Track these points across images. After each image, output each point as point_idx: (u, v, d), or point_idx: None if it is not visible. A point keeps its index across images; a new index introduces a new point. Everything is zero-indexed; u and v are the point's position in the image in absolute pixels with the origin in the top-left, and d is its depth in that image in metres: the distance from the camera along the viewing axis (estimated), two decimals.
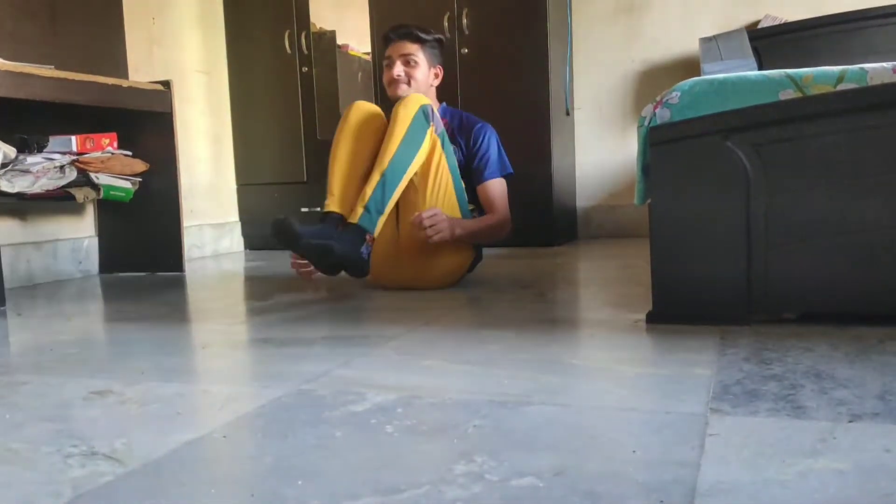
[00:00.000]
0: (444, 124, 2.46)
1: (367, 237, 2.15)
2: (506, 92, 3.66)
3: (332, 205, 2.22)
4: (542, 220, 3.65)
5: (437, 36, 2.52)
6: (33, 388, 1.39)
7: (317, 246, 2.06)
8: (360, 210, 2.15)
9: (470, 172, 2.43)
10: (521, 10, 3.64)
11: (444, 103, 2.58)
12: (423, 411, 1.13)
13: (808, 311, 1.65)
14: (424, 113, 2.24)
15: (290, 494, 0.84)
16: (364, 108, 2.34)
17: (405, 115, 2.23)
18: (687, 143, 1.65)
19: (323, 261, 2.10)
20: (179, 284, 2.86)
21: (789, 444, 0.94)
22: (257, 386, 1.34)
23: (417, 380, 1.32)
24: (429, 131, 2.24)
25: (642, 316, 1.77)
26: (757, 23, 3.67)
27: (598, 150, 4.07)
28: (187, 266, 3.27)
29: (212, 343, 1.75)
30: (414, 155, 2.22)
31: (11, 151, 2.73)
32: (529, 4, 3.63)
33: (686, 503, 0.78)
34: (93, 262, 3.29)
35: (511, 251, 3.43)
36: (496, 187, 2.42)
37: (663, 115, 1.69)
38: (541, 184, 3.65)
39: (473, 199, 2.42)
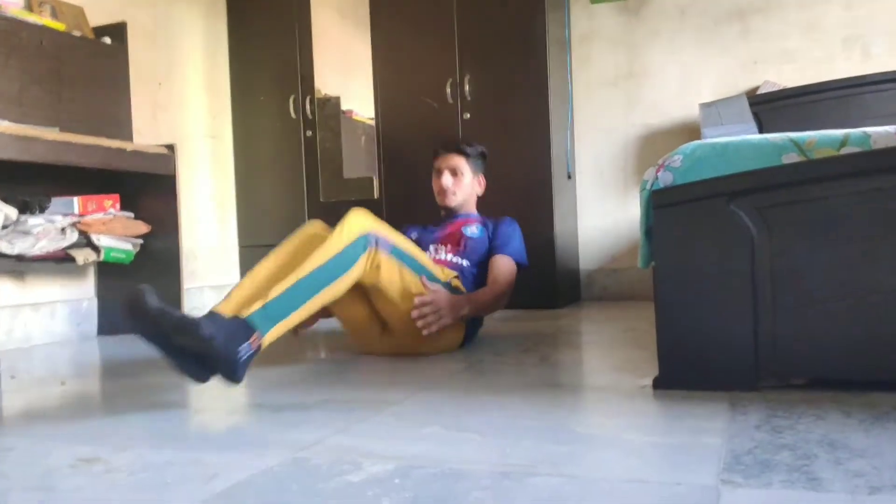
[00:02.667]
0: (477, 220, 2.65)
1: (254, 337, 1.67)
2: (508, 156, 3.68)
3: (221, 307, 1.76)
4: (545, 282, 3.63)
5: (480, 150, 2.74)
6: (20, 454, 1.35)
7: (180, 320, 1.55)
8: (256, 305, 1.72)
9: (489, 247, 2.55)
10: (522, 76, 3.69)
11: (482, 215, 2.72)
12: (422, 483, 1.09)
13: (817, 376, 1.60)
14: (366, 240, 2.01)
15: None
16: (314, 228, 2.11)
17: (341, 237, 1.96)
18: (690, 206, 1.63)
19: (185, 342, 1.57)
20: None
21: None
22: (250, 454, 1.29)
23: (416, 449, 1.28)
24: (364, 255, 2.00)
25: (648, 381, 1.73)
26: (756, 89, 3.71)
27: (600, 213, 4.07)
28: None
29: (206, 408, 1.70)
30: (338, 276, 1.92)
31: (13, 213, 2.73)
32: (530, 70, 3.68)
33: None
34: (91, 325, 3.26)
35: (513, 314, 3.40)
36: (507, 263, 2.50)
37: (666, 179, 1.68)
38: (543, 246, 3.63)
39: (484, 267, 2.52)
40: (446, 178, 2.64)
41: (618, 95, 4.03)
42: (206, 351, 1.57)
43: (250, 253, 4.21)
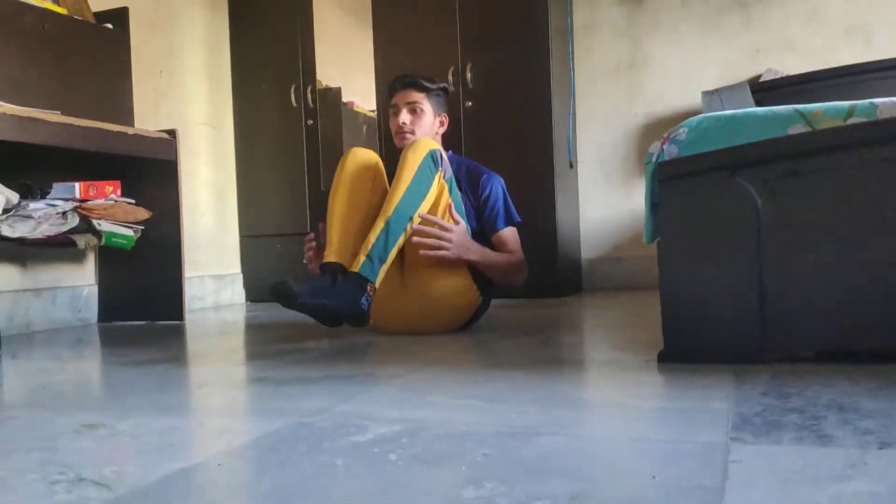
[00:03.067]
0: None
1: (368, 287, 2.08)
2: (510, 144, 3.68)
3: (332, 255, 2.16)
4: (547, 271, 3.62)
5: (441, 85, 2.55)
6: (22, 422, 1.34)
7: (311, 305, 2.03)
8: (362, 258, 2.09)
9: (482, 222, 2.43)
10: (524, 64, 3.69)
11: (451, 151, 2.58)
12: (429, 441, 1.08)
13: (824, 348, 1.60)
14: (433, 158, 2.21)
15: None
16: (361, 155, 2.31)
17: (413, 160, 2.19)
18: (695, 178, 1.62)
19: (320, 317, 2.07)
20: (178, 332, 2.81)
21: (817, 470, 0.89)
22: (254, 420, 1.29)
23: (422, 414, 1.27)
24: (437, 176, 2.21)
25: (653, 357, 1.72)
26: (759, 77, 3.71)
27: (602, 202, 4.06)
28: (187, 316, 3.22)
29: (209, 383, 1.70)
30: (420, 202, 2.18)
31: (14, 197, 2.72)
32: (532, 59, 3.67)
33: None
34: (92, 311, 3.25)
35: (514, 302, 3.39)
36: (509, 235, 2.43)
37: (671, 152, 1.68)
38: (545, 235, 3.62)
39: (483, 243, 2.41)
40: (404, 115, 2.43)
41: (620, 84, 4.02)
42: (340, 318, 2.07)
43: (251, 243, 4.21)
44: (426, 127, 2.46)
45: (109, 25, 3.15)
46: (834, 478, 0.86)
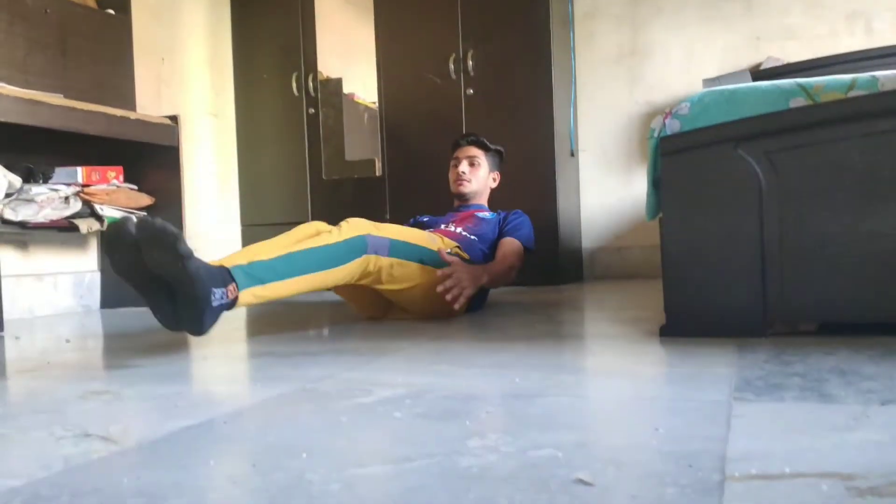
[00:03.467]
0: (485, 211, 2.69)
1: (230, 287, 1.61)
2: (511, 132, 3.67)
3: (222, 262, 1.70)
4: (547, 260, 3.62)
5: (499, 147, 2.83)
6: (28, 389, 1.35)
7: (162, 231, 1.46)
8: (241, 261, 1.70)
9: (500, 233, 2.60)
10: (526, 53, 3.69)
11: (497, 211, 2.74)
12: (433, 402, 1.08)
13: (826, 321, 1.60)
14: (363, 244, 1.97)
15: (294, 466, 0.79)
16: (316, 224, 2.07)
17: (345, 231, 1.96)
18: (698, 152, 1.63)
19: (160, 259, 1.47)
20: None
21: (820, 422, 0.90)
22: (259, 386, 1.29)
23: (426, 379, 1.28)
24: (359, 261, 1.96)
25: (655, 332, 1.72)
26: (759, 65, 3.71)
27: (603, 191, 4.06)
28: None
29: (213, 356, 1.70)
30: (331, 266, 1.89)
31: (17, 181, 2.73)
32: (533, 47, 3.67)
33: (716, 468, 0.73)
34: (94, 298, 3.26)
35: (516, 289, 3.39)
36: (516, 243, 2.54)
37: (673, 126, 1.68)
38: (546, 224, 3.62)
39: (491, 249, 2.56)
40: (464, 166, 2.72)
41: (621, 73, 4.03)
42: (179, 273, 1.48)
43: (252, 232, 4.21)
44: (482, 179, 2.74)
45: (111, 11, 3.15)
46: (837, 428, 0.86)
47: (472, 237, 2.52)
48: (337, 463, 0.80)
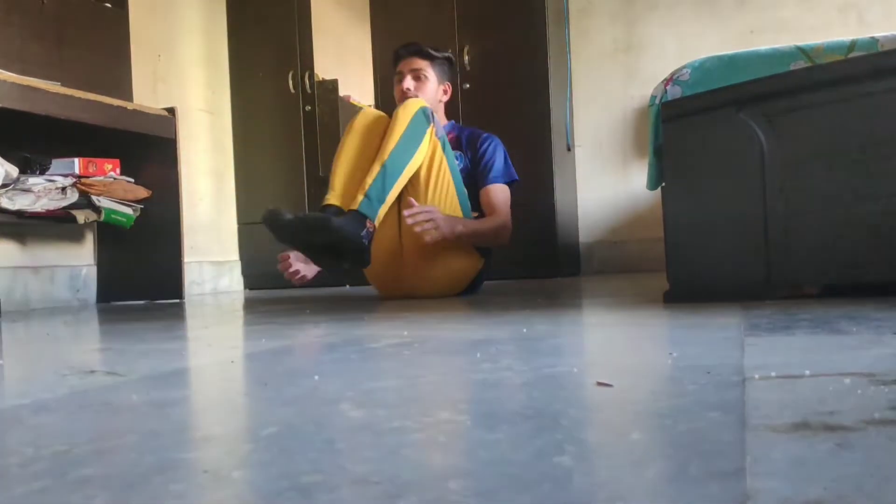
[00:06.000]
0: (452, 137, 2.47)
1: (368, 223, 2.04)
2: (507, 127, 3.66)
3: (332, 198, 2.16)
4: (545, 254, 3.61)
5: (446, 54, 2.56)
6: (30, 350, 1.33)
7: (313, 220, 1.97)
8: (360, 197, 2.07)
9: (475, 177, 2.40)
10: (521, 48, 3.70)
11: (453, 121, 2.61)
12: (442, 344, 1.08)
13: (829, 283, 1.60)
14: (425, 114, 2.21)
15: (306, 384, 0.78)
16: (371, 113, 2.33)
17: (405, 114, 2.19)
18: (699, 117, 1.63)
19: (320, 238, 1.97)
20: (179, 308, 2.80)
21: (834, 347, 0.89)
22: (265, 340, 1.28)
23: (433, 332, 1.26)
24: (429, 130, 2.20)
25: (659, 301, 1.72)
26: None
27: (600, 186, 4.07)
28: (186, 299, 3.21)
29: (215, 325, 1.69)
30: (414, 151, 2.18)
31: (13, 170, 2.71)
32: (529, 42, 3.69)
33: (735, 373, 0.72)
34: (90, 291, 3.23)
35: (514, 281, 3.38)
36: (498, 192, 2.39)
37: (674, 92, 1.68)
38: (543, 218, 3.63)
39: (476, 206, 2.40)
40: (408, 82, 2.42)
41: (616, 68, 4.04)
42: (339, 241, 1.95)
43: (249, 230, 4.19)
44: (430, 94, 2.45)
45: (108, 4, 3.15)
46: (851, 348, 0.86)
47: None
48: (349, 381, 0.79)
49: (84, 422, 0.63)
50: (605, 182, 4.06)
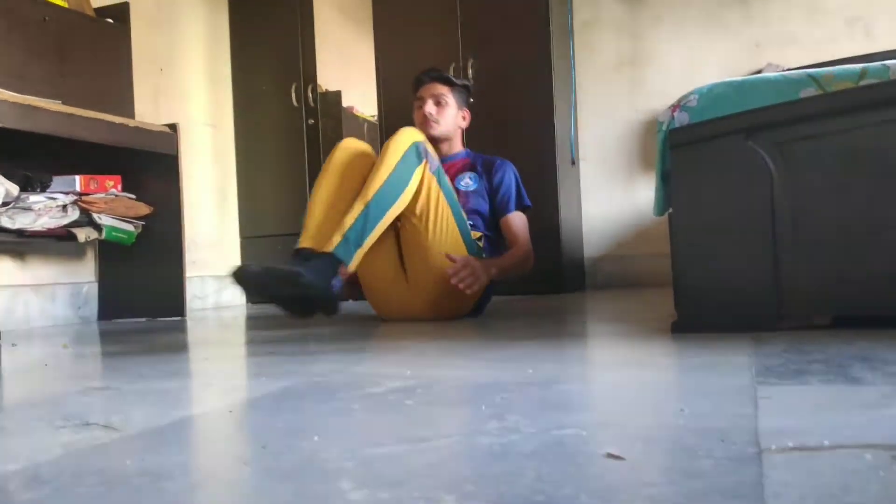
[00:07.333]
0: (466, 163, 2.52)
1: (341, 269, 1.92)
2: (511, 141, 3.65)
3: (305, 241, 2.01)
4: (550, 268, 3.59)
5: (465, 82, 2.63)
6: (26, 386, 1.31)
7: (282, 274, 1.83)
8: (336, 239, 1.94)
9: (494, 206, 2.45)
10: (526, 62, 3.68)
11: (468, 149, 2.63)
12: (445, 391, 1.05)
13: (840, 313, 1.57)
14: (417, 149, 2.10)
15: (306, 447, 0.76)
16: (352, 145, 2.20)
17: (395, 150, 2.08)
18: (707, 144, 1.60)
19: (288, 291, 1.83)
20: (181, 326, 2.78)
21: (851, 401, 0.86)
22: (265, 380, 1.26)
23: (436, 372, 1.24)
24: (419, 168, 2.10)
25: (666, 329, 1.69)
26: (759, 71, 3.70)
27: (605, 200, 4.04)
28: (188, 315, 3.19)
29: (216, 357, 1.66)
30: (401, 192, 2.06)
31: (14, 189, 2.69)
32: (533, 56, 3.66)
33: (750, 441, 0.70)
34: (92, 309, 3.21)
35: (519, 297, 3.36)
36: (517, 221, 2.44)
37: (682, 119, 1.66)
38: (548, 233, 3.60)
39: (494, 228, 2.44)
40: (429, 106, 2.47)
41: (621, 81, 4.02)
42: (307, 294, 1.83)
43: (252, 244, 4.18)
44: (450, 119, 2.50)
45: (110, 20, 3.14)
46: (870, 405, 0.83)
47: (470, 221, 2.38)
48: (351, 444, 0.76)
49: (76, 499, 0.61)
50: (609, 196, 4.03)
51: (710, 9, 3.85)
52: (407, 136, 2.13)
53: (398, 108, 3.96)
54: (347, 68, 5.02)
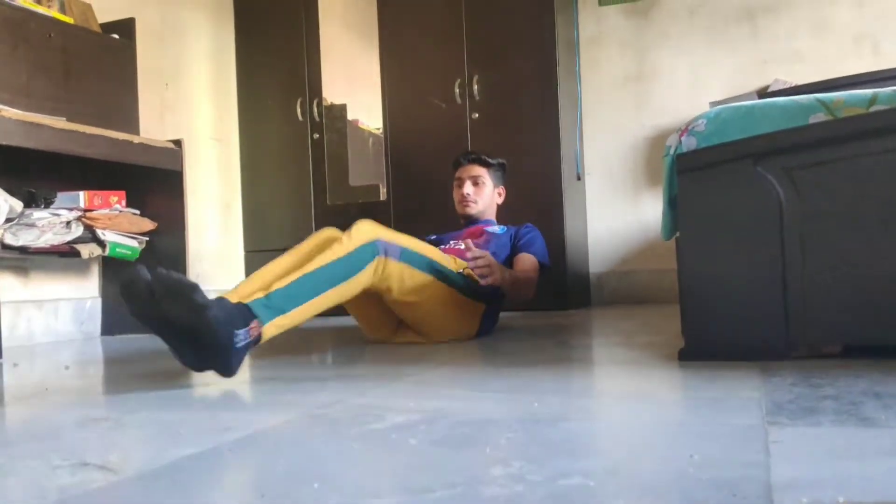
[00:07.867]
0: (495, 226, 2.66)
1: (253, 324, 1.57)
2: (517, 156, 3.63)
3: (228, 296, 1.66)
4: (555, 285, 3.56)
5: (500, 161, 2.78)
6: (24, 416, 1.29)
7: (176, 282, 1.42)
8: (258, 294, 1.65)
9: (513, 250, 2.57)
10: (531, 77, 3.67)
11: (505, 226, 2.70)
12: (449, 428, 1.03)
13: (851, 342, 1.55)
14: (373, 248, 1.94)
15: (306, 494, 0.74)
16: (325, 233, 2.07)
17: (348, 244, 1.90)
18: (715, 169, 1.59)
19: (178, 312, 1.41)
20: None
21: (865, 447, 0.84)
22: (266, 411, 1.24)
23: (439, 404, 1.22)
24: (373, 263, 1.94)
25: (673, 356, 1.67)
26: (766, 88, 3.68)
27: (610, 215, 4.02)
28: None
29: (216, 382, 1.64)
30: (347, 278, 1.87)
31: (18, 205, 2.69)
32: (539, 71, 3.65)
33: (762, 495, 0.67)
34: (95, 324, 3.20)
35: (524, 314, 3.34)
36: (530, 259, 2.51)
37: (689, 143, 1.64)
38: (553, 248, 3.55)
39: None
40: (468, 187, 2.67)
41: (627, 97, 4.01)
42: (199, 324, 1.42)
43: (256, 258, 4.16)
44: (487, 197, 2.70)
45: (116, 36, 3.14)
46: (884, 453, 0.81)
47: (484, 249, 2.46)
48: (351, 493, 0.74)
49: None
50: (615, 211, 4.02)
51: (716, 25, 3.84)
52: (365, 232, 1.95)
53: (402, 120, 3.96)
54: (352, 81, 5.01)
